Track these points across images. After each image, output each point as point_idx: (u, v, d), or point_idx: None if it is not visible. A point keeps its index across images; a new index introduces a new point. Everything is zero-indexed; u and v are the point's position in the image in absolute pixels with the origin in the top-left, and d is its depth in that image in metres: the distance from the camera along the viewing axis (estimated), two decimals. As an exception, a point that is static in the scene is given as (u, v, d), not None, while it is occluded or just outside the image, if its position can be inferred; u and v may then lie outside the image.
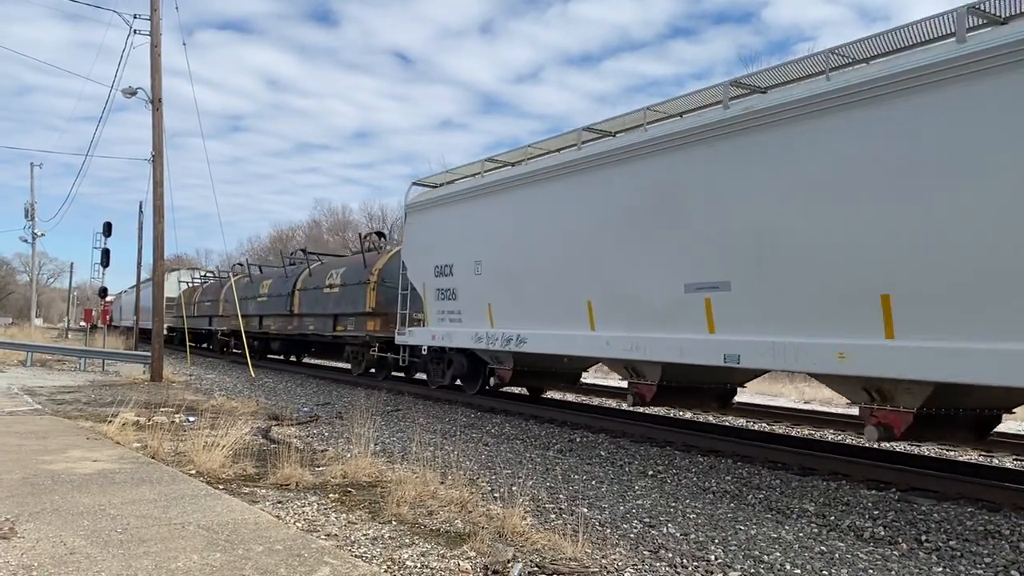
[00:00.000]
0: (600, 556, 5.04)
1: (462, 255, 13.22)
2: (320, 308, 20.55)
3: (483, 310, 12.80)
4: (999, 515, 6.58)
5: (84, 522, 5.14)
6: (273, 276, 26.08)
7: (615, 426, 11.52)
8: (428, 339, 14.51)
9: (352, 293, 18.69)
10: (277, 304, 23.57)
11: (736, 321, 8.21)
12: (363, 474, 7.18)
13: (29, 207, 48.00)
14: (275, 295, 24.08)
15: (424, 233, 14.54)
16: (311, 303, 21.27)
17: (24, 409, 11.76)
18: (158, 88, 18.69)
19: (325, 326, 20.25)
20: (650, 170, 9.33)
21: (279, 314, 23.54)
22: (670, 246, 9.04)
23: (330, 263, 22.39)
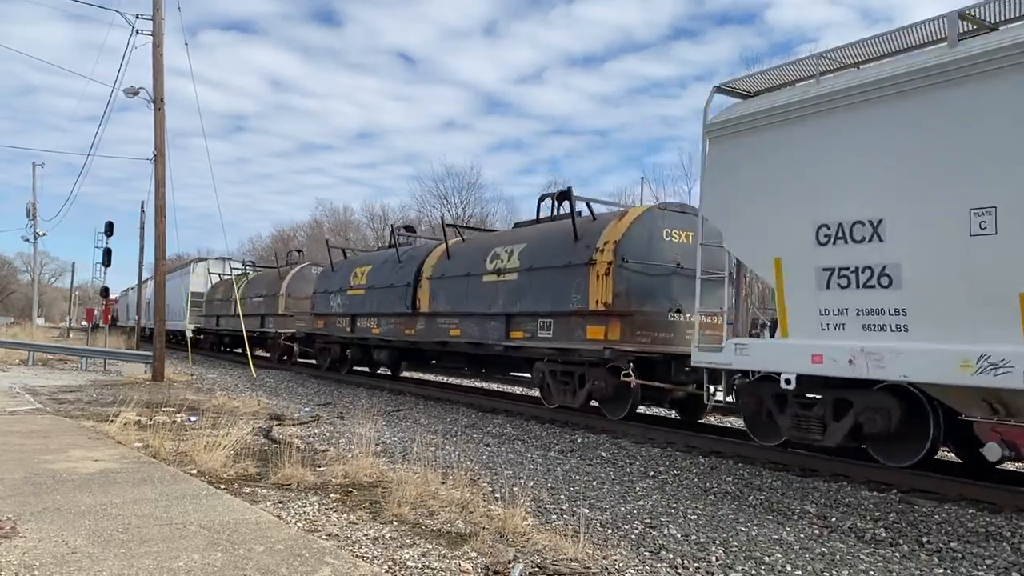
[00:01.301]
0: (601, 557, 5.04)
1: (914, 200, 7.13)
2: (477, 304, 14.25)
3: (1000, 308, 6.53)
4: (1000, 517, 6.57)
5: (86, 521, 5.15)
6: (373, 262, 19.17)
7: (616, 427, 11.51)
8: (803, 362, 7.98)
9: (552, 281, 12.46)
10: (386, 299, 17.45)
11: None
12: (364, 474, 7.19)
13: (31, 206, 48.03)
14: (381, 287, 17.79)
15: (774, 167, 8.34)
16: (457, 296, 15.00)
17: (26, 408, 11.78)
18: (160, 88, 18.71)
19: (487, 331, 13.95)
20: None
21: (390, 313, 17.25)
22: None
23: (485, 240, 15.90)
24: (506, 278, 13.59)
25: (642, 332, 11.16)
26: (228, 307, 29.23)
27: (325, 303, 20.71)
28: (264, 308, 26.26)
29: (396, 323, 17.14)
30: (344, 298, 19.56)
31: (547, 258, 12.77)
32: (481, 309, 14.10)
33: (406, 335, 16.67)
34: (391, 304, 17.21)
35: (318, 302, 21.22)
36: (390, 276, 17.58)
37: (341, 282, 19.95)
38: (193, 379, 19.56)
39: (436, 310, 15.60)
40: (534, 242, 13.45)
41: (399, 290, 16.89)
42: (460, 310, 14.78)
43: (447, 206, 61.59)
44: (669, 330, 11.41)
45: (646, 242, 11.45)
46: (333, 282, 20.55)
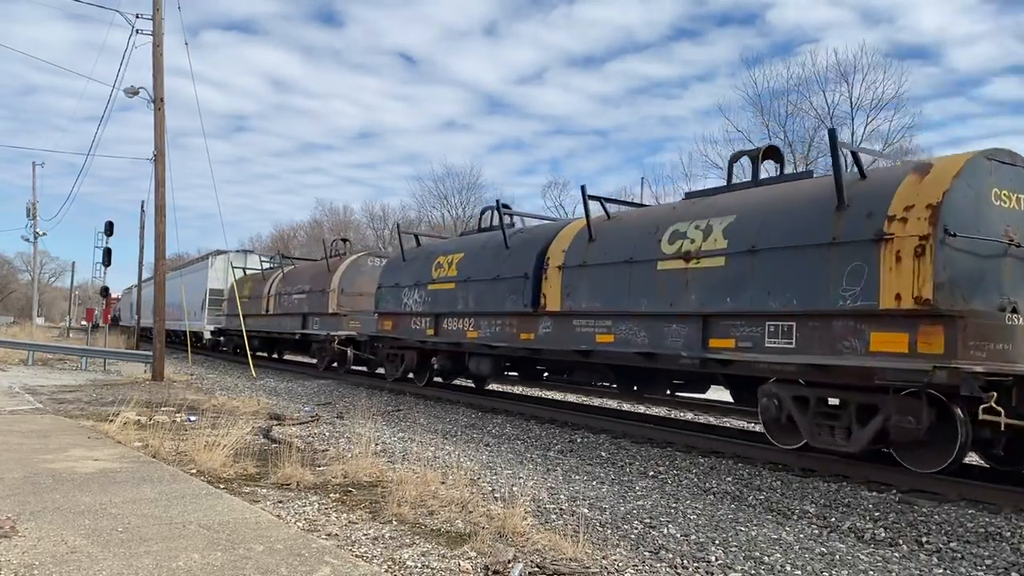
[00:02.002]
0: (601, 556, 5.04)
1: None
2: (645, 300, 10.50)
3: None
4: (1000, 517, 6.57)
5: (85, 521, 5.15)
6: (467, 248, 15.15)
7: (616, 427, 11.51)
8: None
9: (794, 266, 8.66)
10: (489, 294, 13.73)
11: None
12: (364, 474, 7.19)
13: (31, 206, 48.04)
14: (481, 279, 14.04)
15: None
16: (609, 290, 11.12)
17: (25, 408, 11.78)
18: (160, 88, 18.71)
19: (665, 337, 10.18)
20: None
21: (496, 312, 13.56)
22: None
23: (651, 215, 11.54)
24: (703, 265, 9.70)
25: (975, 343, 7.44)
26: (257, 305, 25.98)
27: (395, 300, 17.07)
28: (308, 306, 22.30)
29: (506, 325, 13.32)
30: (423, 294, 15.88)
31: (781, 234, 8.84)
32: (654, 308, 10.25)
33: (522, 341, 12.81)
34: (497, 301, 13.51)
35: (385, 299, 17.59)
36: (494, 265, 13.74)
37: (418, 274, 16.26)
38: (193, 379, 19.56)
39: (573, 308, 11.71)
40: (752, 212, 9.42)
41: (510, 283, 13.14)
42: (614, 309, 10.91)
43: (447, 206, 61.66)
44: (1005, 339, 7.65)
45: (972, 207, 7.76)
46: (406, 274, 16.83)
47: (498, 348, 13.66)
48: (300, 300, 22.94)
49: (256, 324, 25.98)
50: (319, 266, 23.10)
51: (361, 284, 20.99)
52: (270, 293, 25.13)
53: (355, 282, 21.21)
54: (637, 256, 10.72)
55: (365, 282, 20.73)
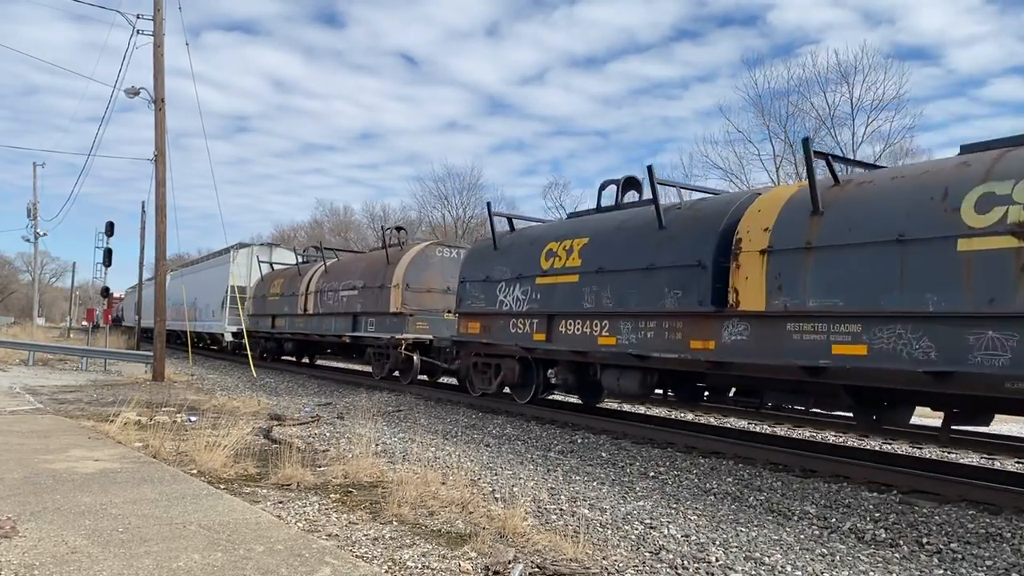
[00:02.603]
0: (601, 557, 5.04)
1: None
2: (950, 296, 7.18)
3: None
4: (1000, 518, 6.57)
5: (85, 521, 5.15)
6: (592, 230, 11.96)
7: (616, 427, 11.51)
8: None
9: None
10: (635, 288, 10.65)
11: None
12: (364, 474, 7.19)
13: (32, 206, 48.07)
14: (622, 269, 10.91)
15: None
16: (862, 282, 7.94)
17: (26, 408, 11.78)
18: (161, 88, 18.72)
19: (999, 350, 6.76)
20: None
21: (646, 313, 10.40)
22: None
23: (925, 175, 7.88)
24: None
25: None
26: (292, 304, 22.61)
27: (484, 297, 13.97)
28: (360, 304, 19.06)
29: (665, 329, 10.05)
30: (529, 289, 12.78)
31: None
32: (954, 306, 7.13)
33: (694, 351, 9.62)
34: (648, 298, 10.35)
35: (470, 296, 14.44)
36: (642, 251, 10.63)
37: (519, 265, 13.14)
38: (193, 379, 19.56)
39: (789, 307, 8.55)
40: None
41: (672, 274, 10.02)
42: (870, 309, 7.79)
43: (448, 207, 61.67)
44: None
45: None
46: (500, 265, 13.69)
47: (651, 360, 10.30)
48: (350, 298, 19.54)
49: (290, 325, 23.01)
50: (374, 258, 19.63)
51: (429, 279, 17.99)
52: (309, 290, 21.59)
53: (422, 276, 17.96)
54: (914, 232, 7.50)
55: (433, 276, 18.00)
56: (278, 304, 23.96)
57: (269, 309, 24.60)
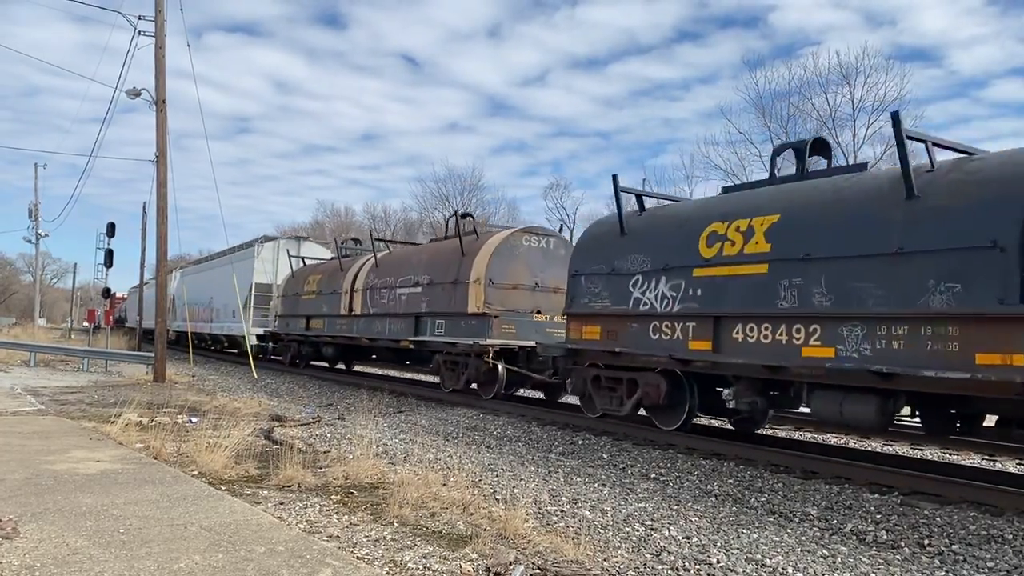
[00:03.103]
0: (602, 559, 5.04)
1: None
2: None
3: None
4: (1002, 519, 6.56)
5: (87, 522, 5.15)
6: (792, 205, 8.98)
7: (617, 429, 11.49)
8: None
9: None
10: (872, 283, 7.75)
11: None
12: (365, 476, 7.19)
13: (33, 207, 48.11)
14: (856, 255, 7.94)
15: None
16: None
17: (27, 409, 11.79)
18: (162, 89, 18.73)
19: None
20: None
21: (870, 315, 7.74)
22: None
23: None
24: None
25: None
26: (333, 303, 19.88)
27: (612, 293, 11.01)
28: (425, 304, 16.12)
29: (927, 337, 7.30)
30: (682, 284, 9.95)
31: None
32: None
33: (982, 368, 6.87)
34: (896, 292, 7.59)
35: (587, 292, 11.48)
36: (880, 230, 7.86)
37: (664, 252, 10.35)
38: (194, 380, 19.57)
39: None
40: None
41: (942, 261, 7.28)
42: None
43: (449, 208, 61.68)
44: None
45: None
46: (633, 254, 10.84)
47: (899, 379, 7.48)
48: (411, 296, 16.62)
49: (330, 327, 20.25)
50: (443, 249, 16.62)
51: (514, 273, 14.91)
52: (355, 288, 18.77)
53: (506, 270, 14.82)
54: None
55: (519, 270, 14.97)
56: (314, 304, 21.18)
57: (303, 309, 21.93)
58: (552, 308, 14.85)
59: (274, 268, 25.26)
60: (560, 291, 14.26)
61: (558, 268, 14.75)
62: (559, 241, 16.04)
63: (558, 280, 14.61)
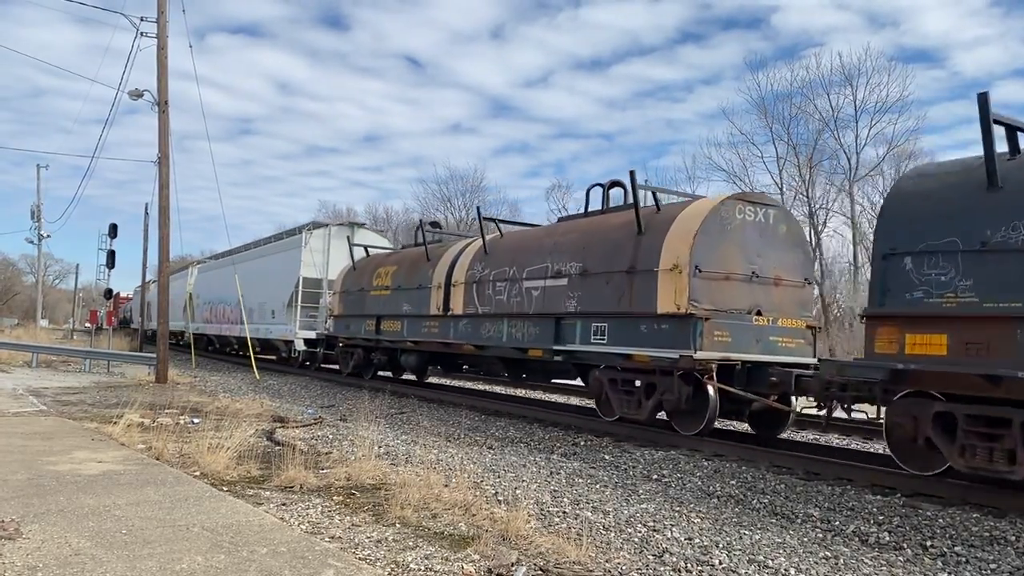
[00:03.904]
0: (604, 560, 5.04)
1: None
2: None
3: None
4: (1004, 521, 6.55)
5: (89, 523, 5.15)
6: None
7: (620, 430, 11.49)
8: None
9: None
10: None
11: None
12: (367, 477, 7.19)
13: (35, 208, 48.15)
14: None
15: None
16: None
17: (29, 410, 11.80)
18: (164, 91, 18.75)
19: None
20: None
21: None
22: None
23: None
24: None
25: None
26: (418, 300, 16.24)
27: (978, 281, 7.12)
28: (575, 301, 12.10)
29: None
30: None
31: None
32: None
33: None
34: None
35: (924, 279, 7.51)
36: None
37: None
38: (196, 381, 19.57)
39: None
40: None
41: None
42: None
43: (451, 209, 61.72)
44: None
45: None
46: None
47: None
48: (550, 291, 12.65)
49: (413, 330, 16.54)
50: (602, 227, 12.34)
51: (728, 257, 10.64)
52: (453, 281, 15.17)
53: (717, 253, 10.55)
54: None
55: (732, 254, 10.68)
56: (388, 301, 17.55)
57: (371, 308, 18.24)
58: (774, 307, 10.98)
59: (324, 260, 21.61)
60: (782, 283, 11.18)
61: (779, 250, 11.26)
62: (780, 213, 11.56)
63: (779, 267, 11.19)
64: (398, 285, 17.40)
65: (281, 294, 22.82)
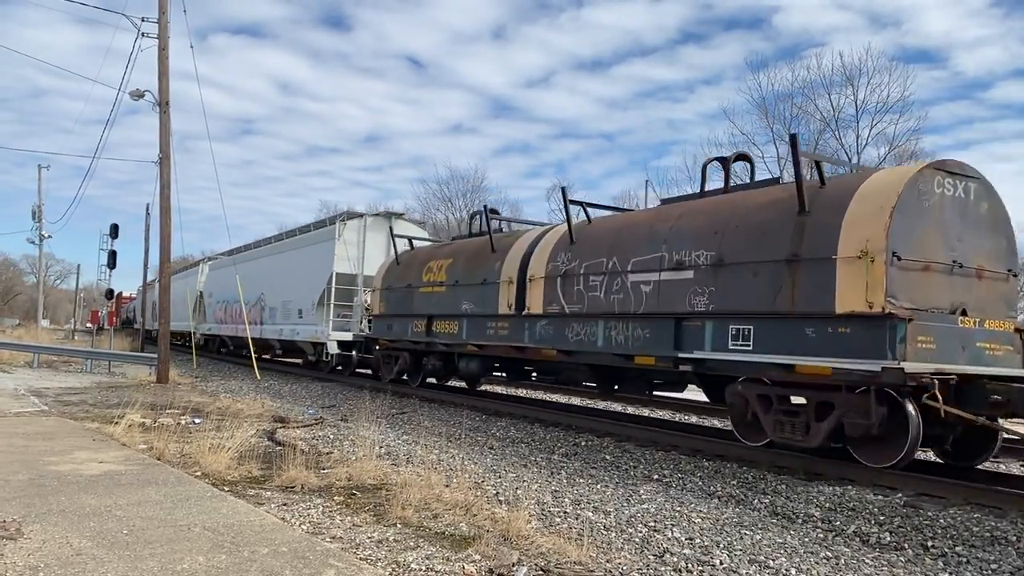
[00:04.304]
0: (605, 560, 5.04)
1: None
2: None
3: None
4: (1005, 521, 6.54)
5: (90, 523, 5.16)
6: None
7: (620, 430, 11.50)
8: None
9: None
10: None
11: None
12: (368, 477, 7.19)
13: (37, 209, 48.16)
14: None
15: None
16: None
17: (31, 410, 11.81)
18: (165, 91, 18.77)
19: None
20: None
21: None
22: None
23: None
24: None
25: None
26: (482, 297, 14.04)
27: None
28: (705, 298, 9.80)
29: None
30: None
31: None
32: None
33: None
34: None
35: None
36: None
37: None
38: (197, 382, 19.59)
39: None
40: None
41: None
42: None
43: (451, 209, 61.70)
44: None
45: None
46: None
47: None
48: (668, 286, 10.36)
49: (476, 332, 14.31)
50: (744, 204, 9.90)
51: (926, 242, 8.41)
52: (531, 275, 12.92)
53: (915, 237, 8.33)
54: None
55: (931, 237, 8.47)
56: (444, 299, 15.31)
57: (420, 307, 16.12)
58: (978, 306, 8.70)
59: (359, 254, 19.76)
60: (985, 275, 8.84)
61: (981, 234, 8.92)
62: (981, 188, 9.00)
63: (981, 255, 8.86)
64: (455, 281, 15.15)
65: (310, 292, 20.82)
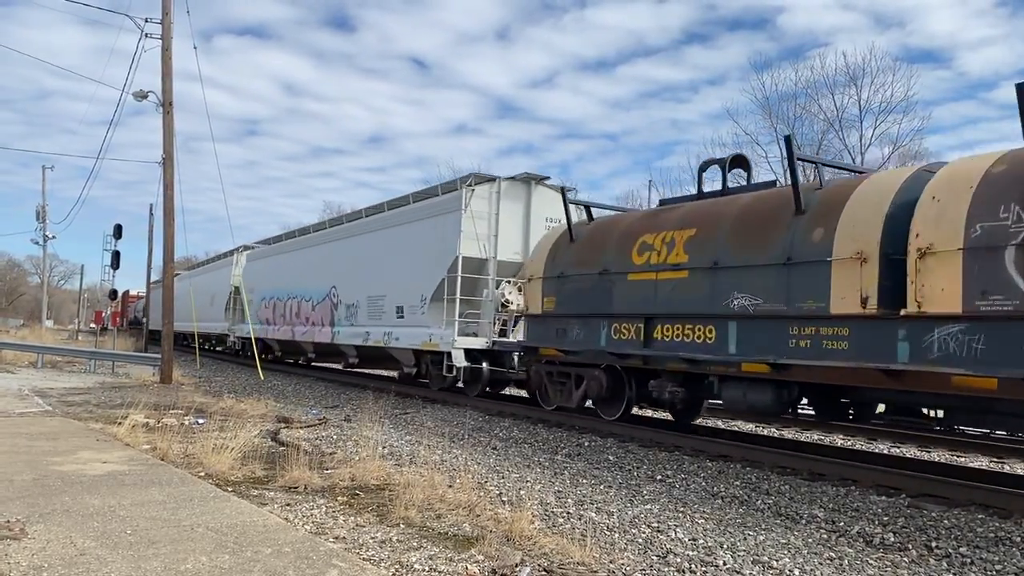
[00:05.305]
0: (608, 560, 5.03)
1: None
2: None
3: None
4: (1010, 522, 6.53)
5: (94, 523, 5.17)
6: None
7: (623, 431, 11.48)
8: None
9: None
10: None
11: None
12: (371, 477, 7.19)
13: (41, 209, 48.28)
14: None
15: None
16: None
17: (35, 410, 11.83)
18: (169, 92, 18.79)
19: None
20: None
21: None
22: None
23: None
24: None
25: None
26: (773, 289, 8.66)
27: None
28: None
29: None
30: None
31: None
32: None
33: None
34: None
35: None
36: None
37: None
38: (201, 382, 19.61)
39: None
40: None
41: None
42: None
43: (454, 209, 61.62)
44: None
45: None
46: None
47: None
48: None
49: (767, 343, 8.79)
50: None
51: None
52: (923, 246, 7.22)
53: None
54: None
55: None
56: (684, 290, 10.08)
57: (627, 303, 11.04)
58: None
59: (489, 231, 14.61)
60: None
61: None
62: None
63: None
64: (712, 261, 9.71)
65: (418, 282, 15.65)
